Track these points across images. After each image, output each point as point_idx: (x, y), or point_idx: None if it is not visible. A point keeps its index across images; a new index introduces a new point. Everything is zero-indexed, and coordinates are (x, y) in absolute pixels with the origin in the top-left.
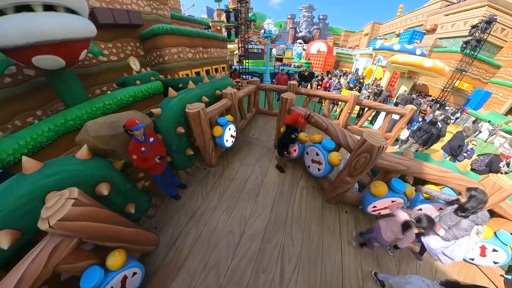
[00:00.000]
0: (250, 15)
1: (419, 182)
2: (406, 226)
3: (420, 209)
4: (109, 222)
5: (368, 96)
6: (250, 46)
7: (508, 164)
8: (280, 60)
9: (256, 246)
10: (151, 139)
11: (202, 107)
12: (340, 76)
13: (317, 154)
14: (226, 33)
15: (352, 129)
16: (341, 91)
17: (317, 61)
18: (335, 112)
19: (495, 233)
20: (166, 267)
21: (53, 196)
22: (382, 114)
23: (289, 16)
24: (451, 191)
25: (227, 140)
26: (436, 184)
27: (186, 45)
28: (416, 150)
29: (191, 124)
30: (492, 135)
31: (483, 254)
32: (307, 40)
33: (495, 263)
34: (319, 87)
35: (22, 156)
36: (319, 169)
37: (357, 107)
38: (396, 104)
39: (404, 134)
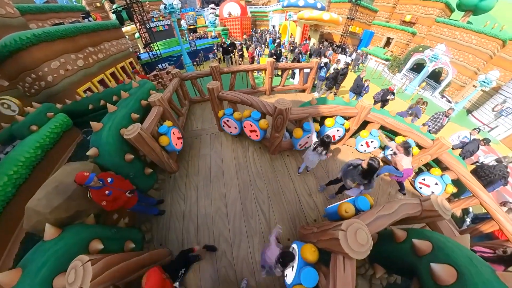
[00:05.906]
0: None
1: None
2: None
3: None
4: (124, 260)
5: (286, 57)
6: (153, 25)
7: (393, 93)
8: (194, 31)
9: (239, 206)
10: (109, 179)
11: (139, 127)
12: (262, 41)
13: (251, 125)
14: (116, 17)
15: (277, 90)
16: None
17: (233, 26)
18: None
19: (370, 132)
20: None
21: (65, 275)
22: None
23: None
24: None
25: (176, 144)
26: (331, 116)
27: (68, 50)
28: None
29: (137, 147)
30: (376, 63)
31: (368, 146)
32: (218, 1)
33: (374, 148)
34: (241, 58)
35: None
36: (257, 135)
37: None
38: (310, 56)
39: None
